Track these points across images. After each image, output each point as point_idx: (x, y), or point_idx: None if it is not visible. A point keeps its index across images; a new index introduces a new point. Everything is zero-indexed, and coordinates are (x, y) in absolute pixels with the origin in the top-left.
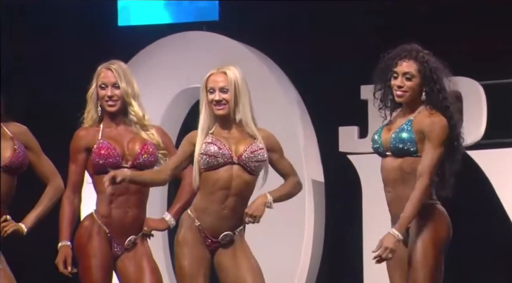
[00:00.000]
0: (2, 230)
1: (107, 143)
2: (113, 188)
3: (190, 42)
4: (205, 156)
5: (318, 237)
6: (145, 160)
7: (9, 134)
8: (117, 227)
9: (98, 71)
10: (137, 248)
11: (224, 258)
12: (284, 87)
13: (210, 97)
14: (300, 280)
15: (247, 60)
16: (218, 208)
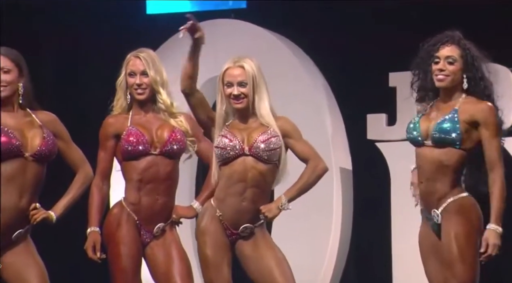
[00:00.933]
0: (32, 218)
1: (136, 129)
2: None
3: (218, 30)
4: (218, 149)
5: (346, 225)
6: (174, 147)
7: (38, 122)
8: (146, 214)
9: (127, 59)
10: (165, 235)
11: (245, 248)
12: (311, 74)
13: (228, 91)
14: (328, 269)
15: (274, 48)
16: (237, 200)
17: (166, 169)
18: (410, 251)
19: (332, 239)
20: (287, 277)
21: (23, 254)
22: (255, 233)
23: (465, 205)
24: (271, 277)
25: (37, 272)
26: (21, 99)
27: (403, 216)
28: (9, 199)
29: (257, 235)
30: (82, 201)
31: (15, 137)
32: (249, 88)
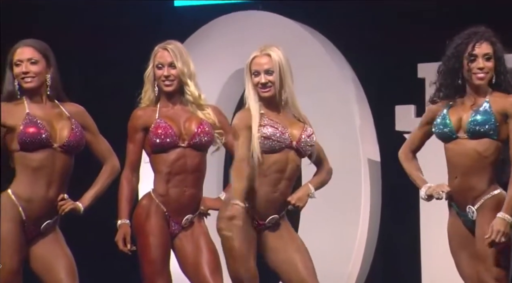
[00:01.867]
0: (60, 208)
1: (164, 122)
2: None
3: (246, 21)
4: (267, 140)
5: (374, 217)
6: (202, 140)
7: (67, 114)
8: (174, 206)
9: (155, 51)
10: (194, 227)
11: (270, 239)
12: (339, 66)
13: (256, 80)
14: (356, 260)
15: (302, 39)
16: (270, 190)
17: (194, 161)
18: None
19: (360, 230)
20: (309, 269)
21: (51, 245)
22: (280, 223)
23: (501, 202)
24: (294, 268)
25: (65, 263)
26: (49, 90)
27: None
28: (37, 189)
29: (281, 226)
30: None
31: (44, 127)
32: (276, 76)
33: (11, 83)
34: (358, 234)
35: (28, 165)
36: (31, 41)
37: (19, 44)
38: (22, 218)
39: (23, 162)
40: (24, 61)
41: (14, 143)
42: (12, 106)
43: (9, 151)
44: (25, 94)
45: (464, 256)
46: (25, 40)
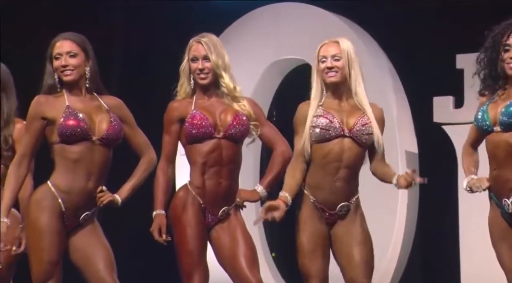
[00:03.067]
0: (99, 200)
1: (200, 113)
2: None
3: (282, 13)
4: (317, 129)
5: (412, 210)
6: (237, 131)
7: (105, 106)
8: (210, 197)
9: (190, 45)
10: (230, 218)
11: (339, 229)
12: (377, 57)
13: (322, 66)
14: (393, 254)
15: (339, 30)
16: (331, 180)
17: (229, 153)
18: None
19: (397, 224)
20: (366, 266)
21: (90, 236)
22: (351, 209)
23: None
24: (351, 261)
25: (104, 254)
26: (87, 83)
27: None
28: (77, 181)
29: (351, 213)
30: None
31: (84, 120)
32: (343, 62)
33: (51, 76)
34: (395, 228)
35: (67, 157)
36: (70, 34)
37: (58, 38)
38: (62, 210)
39: (63, 154)
40: (63, 55)
41: (54, 135)
42: (52, 99)
43: (49, 143)
44: (64, 87)
45: (505, 248)
46: (64, 33)
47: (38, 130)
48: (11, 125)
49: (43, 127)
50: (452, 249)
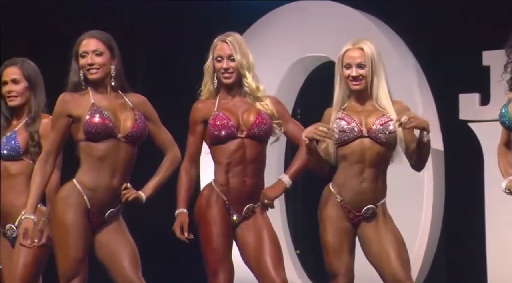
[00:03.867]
0: (123, 197)
1: (222, 114)
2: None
3: (306, 11)
4: (336, 132)
5: (438, 207)
6: (260, 130)
7: (130, 104)
8: (234, 195)
9: (214, 44)
10: (256, 217)
11: (367, 230)
12: (402, 54)
13: (347, 73)
14: (419, 250)
15: (364, 28)
16: (357, 182)
17: (253, 152)
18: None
19: (423, 221)
20: (403, 261)
21: (115, 233)
22: (377, 213)
23: None
24: (386, 261)
25: (129, 251)
26: (113, 81)
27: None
28: (102, 178)
29: (378, 217)
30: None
31: (109, 118)
32: (367, 70)
33: (76, 74)
34: (421, 225)
35: (93, 154)
36: (96, 32)
37: (84, 36)
38: (87, 207)
39: (88, 151)
40: (89, 53)
41: (80, 132)
42: (78, 96)
43: (74, 140)
44: (90, 85)
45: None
46: (90, 31)
47: (64, 128)
48: (37, 121)
49: (69, 124)
50: (478, 248)
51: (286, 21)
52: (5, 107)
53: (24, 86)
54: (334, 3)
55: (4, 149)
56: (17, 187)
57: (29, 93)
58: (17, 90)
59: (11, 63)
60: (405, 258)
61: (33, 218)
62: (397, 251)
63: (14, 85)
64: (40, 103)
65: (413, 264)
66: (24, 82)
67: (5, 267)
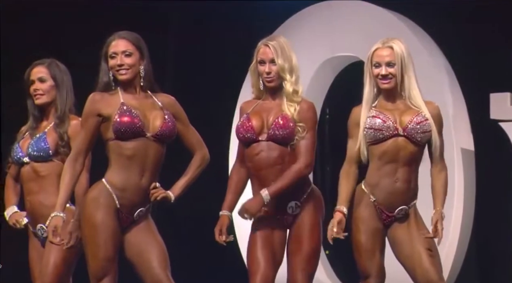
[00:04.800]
0: (152, 196)
1: (247, 117)
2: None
3: (335, 10)
4: (370, 130)
5: (468, 207)
6: (278, 132)
7: (159, 104)
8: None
9: (258, 47)
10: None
11: (398, 231)
12: (432, 53)
13: (376, 72)
14: (450, 251)
15: (394, 27)
16: (390, 181)
17: (273, 155)
18: None
19: (453, 221)
20: (435, 262)
21: (144, 233)
22: (409, 214)
23: None
24: (418, 262)
25: (158, 251)
26: (142, 81)
27: None
28: (131, 178)
29: (410, 218)
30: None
31: (138, 117)
32: (397, 68)
33: (106, 75)
34: (452, 225)
35: (122, 153)
36: (125, 33)
37: (113, 37)
38: (117, 206)
39: (117, 151)
40: (119, 54)
41: (109, 132)
42: (107, 96)
43: (104, 140)
44: (119, 85)
45: None
46: (120, 32)
47: (94, 127)
48: (66, 122)
49: (99, 124)
50: (509, 248)
51: (315, 21)
52: (33, 107)
53: (50, 84)
54: (364, 3)
55: (34, 151)
56: (47, 188)
57: (55, 92)
58: (43, 88)
59: (39, 63)
60: (436, 259)
61: (62, 216)
62: (428, 252)
63: (40, 84)
64: (67, 103)
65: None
66: (50, 81)
67: (36, 266)
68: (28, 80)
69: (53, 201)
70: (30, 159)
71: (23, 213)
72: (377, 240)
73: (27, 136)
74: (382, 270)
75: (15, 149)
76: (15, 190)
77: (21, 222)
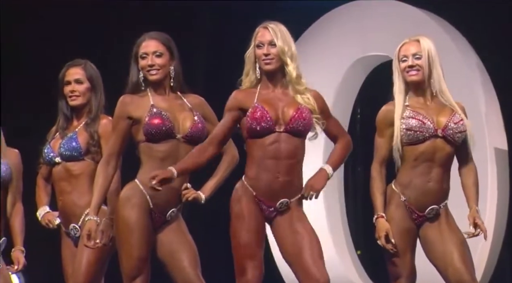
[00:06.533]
0: (184, 197)
1: (261, 107)
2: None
3: (367, 9)
4: (409, 131)
5: (502, 207)
6: (298, 125)
7: (188, 105)
8: (265, 191)
9: (256, 31)
10: (291, 212)
11: (430, 231)
12: (464, 52)
13: (403, 65)
14: (483, 251)
15: (426, 26)
16: (423, 181)
17: (289, 147)
18: None
19: (487, 220)
20: (467, 262)
21: (176, 233)
22: (440, 214)
23: None
24: (450, 262)
25: (189, 251)
26: (172, 82)
27: None
28: None
29: (441, 218)
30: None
31: (168, 119)
32: (424, 60)
33: (136, 75)
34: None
35: (153, 155)
36: (156, 33)
37: (144, 37)
38: (150, 207)
39: (149, 152)
40: (149, 54)
41: (140, 134)
42: (138, 98)
43: (135, 141)
44: (149, 86)
45: None
46: (150, 32)
47: (125, 130)
48: (96, 121)
49: (129, 126)
50: None
51: (347, 20)
52: (66, 107)
53: (86, 86)
54: (395, 1)
55: (66, 150)
56: (79, 187)
57: (90, 94)
58: (80, 90)
59: (75, 64)
60: (469, 259)
61: (96, 220)
62: (461, 252)
63: (77, 85)
64: (100, 104)
65: (477, 265)
66: (86, 83)
67: (69, 266)
68: (63, 80)
69: (85, 201)
70: (62, 159)
71: (55, 213)
72: (408, 240)
73: (57, 136)
74: (413, 271)
75: (47, 150)
76: (46, 190)
77: (54, 222)
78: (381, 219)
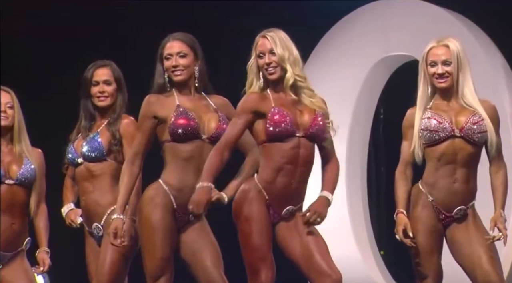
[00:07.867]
0: None
1: (280, 109)
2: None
3: (390, 9)
4: (426, 131)
5: None
6: (317, 130)
7: (213, 105)
8: (278, 195)
9: (256, 41)
10: (296, 219)
11: (457, 232)
12: (489, 53)
13: (432, 71)
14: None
15: (450, 26)
16: (448, 182)
17: (307, 153)
18: None
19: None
20: (495, 263)
21: (199, 233)
22: (467, 214)
23: None
24: (477, 263)
25: (212, 251)
26: (196, 82)
27: None
28: (187, 178)
29: (468, 218)
30: None
31: (194, 119)
32: (453, 66)
33: (161, 76)
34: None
35: (178, 155)
36: (180, 34)
37: (168, 38)
38: (174, 207)
39: (174, 152)
40: (173, 55)
41: (165, 134)
42: (163, 98)
43: (160, 141)
44: (174, 87)
45: None
46: (174, 33)
47: (150, 129)
48: (118, 121)
49: (155, 126)
50: None
51: (370, 20)
52: (93, 107)
53: (114, 87)
54: (418, 1)
55: (88, 151)
56: (101, 187)
57: (117, 94)
58: (109, 91)
59: (102, 65)
60: (496, 260)
61: (122, 218)
62: (488, 252)
63: (106, 86)
64: (124, 105)
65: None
66: (114, 84)
67: (92, 265)
68: (90, 81)
69: (108, 200)
70: (84, 159)
71: (79, 211)
72: (435, 241)
73: (80, 137)
74: (439, 271)
75: (69, 151)
76: (73, 190)
77: (77, 221)
78: (400, 214)
